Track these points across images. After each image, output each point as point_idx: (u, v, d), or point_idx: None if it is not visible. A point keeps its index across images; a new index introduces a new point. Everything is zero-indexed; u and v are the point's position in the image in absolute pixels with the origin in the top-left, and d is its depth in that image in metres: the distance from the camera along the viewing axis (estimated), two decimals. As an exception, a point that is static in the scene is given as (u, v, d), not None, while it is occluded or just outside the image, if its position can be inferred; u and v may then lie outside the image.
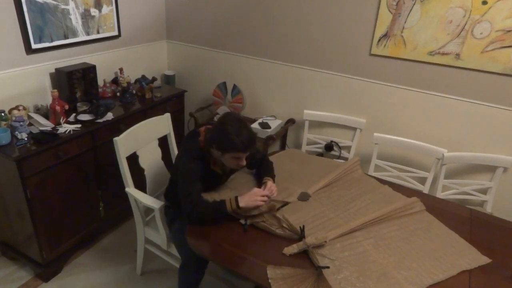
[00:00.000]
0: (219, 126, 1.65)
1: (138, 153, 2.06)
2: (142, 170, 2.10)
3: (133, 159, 2.04)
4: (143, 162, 2.09)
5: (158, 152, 2.22)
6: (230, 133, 1.59)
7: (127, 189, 1.99)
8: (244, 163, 1.70)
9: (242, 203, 1.63)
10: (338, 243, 1.56)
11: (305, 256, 1.51)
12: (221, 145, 1.63)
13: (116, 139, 1.89)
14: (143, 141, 2.09)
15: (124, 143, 1.94)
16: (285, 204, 1.76)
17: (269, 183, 1.79)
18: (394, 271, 1.43)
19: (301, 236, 1.56)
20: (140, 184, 2.11)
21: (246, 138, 1.62)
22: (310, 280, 1.39)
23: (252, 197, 1.64)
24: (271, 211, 1.68)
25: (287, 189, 1.90)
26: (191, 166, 1.69)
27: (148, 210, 2.12)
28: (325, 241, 1.52)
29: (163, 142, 2.27)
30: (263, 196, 1.66)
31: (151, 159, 2.15)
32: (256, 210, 1.66)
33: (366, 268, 1.45)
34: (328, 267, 1.43)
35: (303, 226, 1.59)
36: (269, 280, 1.37)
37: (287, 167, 2.11)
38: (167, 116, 2.25)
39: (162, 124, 2.23)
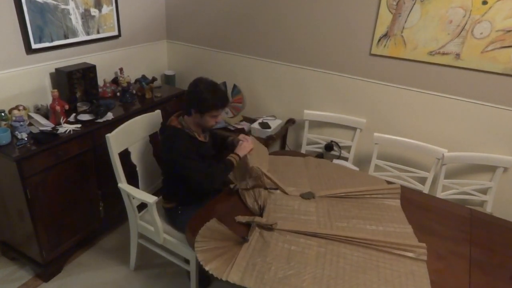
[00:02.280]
0: (194, 90, 1.83)
1: (130, 149, 2.08)
2: (134, 166, 2.12)
3: (128, 156, 2.08)
4: (135, 158, 2.12)
5: (149, 148, 2.24)
6: (207, 94, 1.81)
7: (119, 185, 2.01)
8: (220, 119, 1.98)
9: (241, 153, 1.99)
10: (288, 235, 1.59)
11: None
12: (200, 106, 1.82)
13: (108, 135, 1.92)
14: (135, 137, 2.12)
15: (116, 139, 1.96)
16: (276, 188, 1.91)
17: (238, 139, 2.09)
18: (311, 284, 1.35)
19: (259, 213, 1.73)
20: (135, 181, 2.14)
21: (222, 95, 1.88)
22: (232, 252, 1.50)
23: (243, 146, 2.02)
24: (258, 179, 1.90)
25: (299, 185, 1.91)
26: (183, 146, 1.83)
27: (140, 205, 2.13)
28: (271, 226, 1.61)
29: (154, 139, 2.28)
30: (246, 141, 2.04)
31: (142, 155, 2.17)
32: (253, 178, 1.90)
33: (286, 266, 1.43)
34: (247, 240, 1.54)
35: (263, 206, 1.76)
36: (195, 242, 1.54)
37: (322, 171, 2.10)
38: (158, 112, 2.28)
39: (153, 120, 2.25)
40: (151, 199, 1.89)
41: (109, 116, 2.38)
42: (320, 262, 1.46)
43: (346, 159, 2.80)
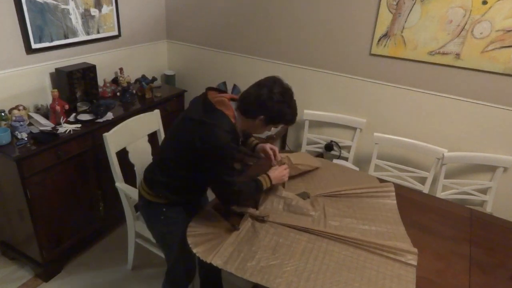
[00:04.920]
0: (271, 98, 1.48)
1: (128, 148, 2.08)
2: (132, 165, 2.11)
3: (127, 156, 2.08)
4: (133, 158, 2.11)
5: (148, 148, 2.24)
6: (287, 108, 1.52)
7: (117, 184, 2.02)
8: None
9: (274, 181, 1.71)
10: (280, 227, 1.61)
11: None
12: (274, 118, 1.53)
13: (105, 134, 1.92)
14: (133, 136, 2.11)
15: (114, 139, 1.96)
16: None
17: (268, 148, 1.83)
18: (291, 276, 1.36)
19: (255, 205, 1.71)
20: (135, 180, 2.14)
21: (296, 110, 1.59)
22: (221, 238, 1.52)
23: (280, 174, 1.74)
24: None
25: (294, 185, 1.91)
26: (231, 149, 1.49)
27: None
28: (264, 217, 1.62)
29: (152, 138, 2.28)
30: (285, 169, 1.78)
31: (141, 155, 2.17)
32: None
33: (271, 256, 1.45)
34: (238, 229, 1.56)
35: (260, 200, 1.73)
36: (188, 227, 1.56)
37: (315, 171, 2.09)
38: (157, 112, 2.28)
39: (151, 120, 2.25)
40: None
41: (109, 116, 2.38)
42: (305, 256, 1.47)
43: (346, 159, 2.80)
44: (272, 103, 1.48)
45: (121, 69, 2.81)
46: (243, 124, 1.59)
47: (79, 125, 2.22)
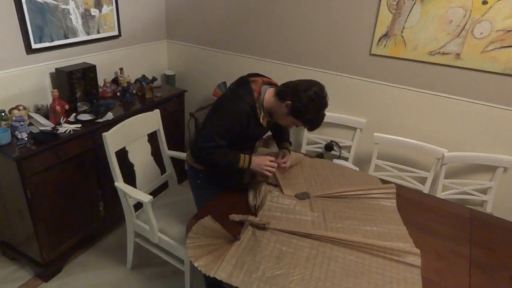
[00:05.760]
0: (305, 94, 1.60)
1: (127, 148, 2.08)
2: (131, 165, 2.11)
3: (126, 155, 2.08)
4: (133, 158, 2.11)
5: (147, 148, 2.24)
6: (312, 109, 1.62)
7: (116, 183, 2.01)
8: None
9: (252, 166, 1.75)
10: (281, 235, 1.58)
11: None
12: (297, 111, 1.62)
13: (105, 134, 1.91)
14: (132, 136, 2.11)
15: (113, 138, 1.96)
16: (276, 185, 1.89)
17: (287, 155, 1.90)
18: (298, 285, 1.34)
19: (254, 212, 1.70)
20: (135, 180, 2.14)
21: (321, 122, 1.70)
22: (223, 249, 1.49)
23: (262, 162, 1.76)
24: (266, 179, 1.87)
25: (295, 185, 1.91)
26: (235, 121, 1.65)
27: (137, 204, 2.13)
28: (264, 225, 1.60)
29: (152, 138, 2.28)
30: (271, 166, 1.77)
31: (140, 155, 2.17)
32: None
33: (275, 266, 1.42)
34: (239, 239, 1.53)
35: (258, 206, 1.72)
36: (187, 238, 1.54)
37: (318, 171, 2.08)
38: (156, 112, 2.27)
39: (151, 120, 2.24)
40: (146, 198, 1.90)
41: (109, 116, 2.38)
42: (310, 264, 1.44)
43: (346, 159, 2.80)
44: (305, 95, 1.60)
45: (121, 69, 2.81)
46: (271, 104, 1.70)
47: (79, 125, 2.22)
